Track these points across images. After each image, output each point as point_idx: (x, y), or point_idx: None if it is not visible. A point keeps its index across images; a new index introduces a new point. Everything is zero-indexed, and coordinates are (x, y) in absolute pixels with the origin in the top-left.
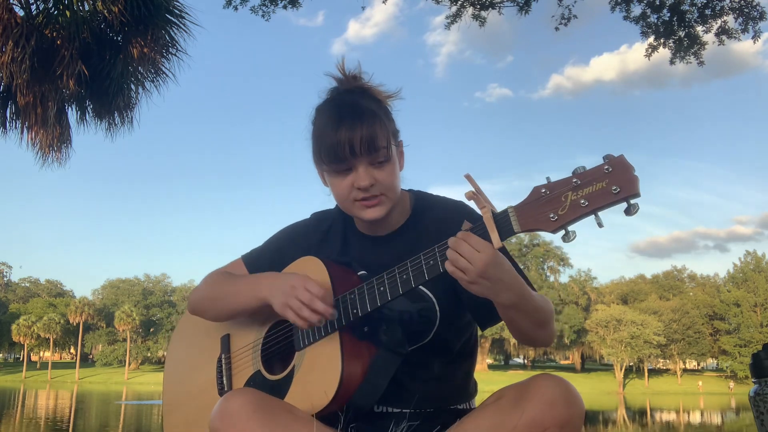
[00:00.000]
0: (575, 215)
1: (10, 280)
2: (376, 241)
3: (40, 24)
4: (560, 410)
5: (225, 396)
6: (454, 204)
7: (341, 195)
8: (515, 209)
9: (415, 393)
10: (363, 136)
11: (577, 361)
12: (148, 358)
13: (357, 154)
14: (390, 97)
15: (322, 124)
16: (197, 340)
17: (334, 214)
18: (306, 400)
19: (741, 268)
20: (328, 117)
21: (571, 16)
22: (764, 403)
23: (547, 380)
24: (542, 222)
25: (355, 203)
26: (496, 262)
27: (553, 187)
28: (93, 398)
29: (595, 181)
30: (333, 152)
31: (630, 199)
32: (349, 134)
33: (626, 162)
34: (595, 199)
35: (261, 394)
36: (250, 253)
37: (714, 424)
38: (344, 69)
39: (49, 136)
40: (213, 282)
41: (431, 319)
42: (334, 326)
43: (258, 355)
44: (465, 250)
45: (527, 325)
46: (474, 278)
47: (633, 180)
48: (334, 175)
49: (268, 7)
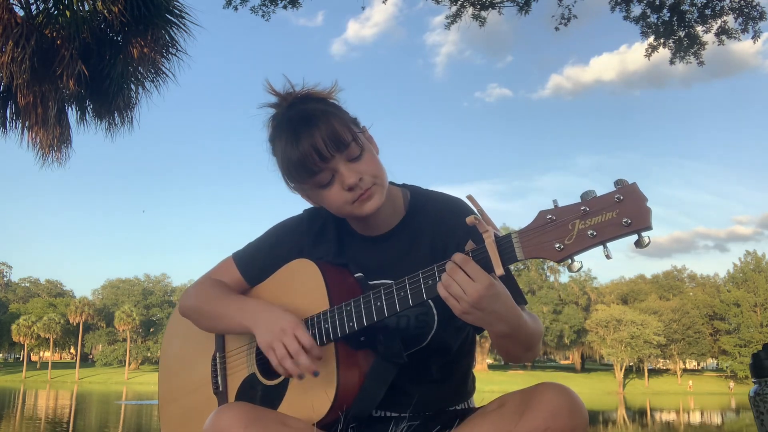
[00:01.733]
0: (582, 246)
1: (10, 280)
2: (372, 242)
3: (40, 24)
4: (564, 421)
5: (217, 410)
6: (450, 200)
7: (335, 204)
8: (519, 235)
9: (413, 396)
10: (325, 138)
11: (577, 361)
12: (148, 358)
13: (327, 157)
14: (332, 92)
15: (282, 147)
16: (192, 335)
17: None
18: (302, 410)
19: (741, 268)
20: (283, 137)
21: (571, 16)
22: (764, 403)
23: (552, 390)
24: (547, 251)
25: (351, 205)
26: (490, 294)
27: (560, 214)
28: (93, 398)
29: (604, 210)
30: (303, 166)
31: (641, 232)
32: (311, 141)
33: (639, 192)
34: (603, 230)
35: (253, 408)
36: (242, 253)
37: (714, 424)
38: (274, 90)
39: (49, 136)
40: (203, 295)
41: (429, 323)
42: (330, 338)
43: (253, 357)
44: (460, 278)
45: (517, 350)
46: (467, 308)
47: (645, 212)
48: (318, 189)
49: (268, 7)
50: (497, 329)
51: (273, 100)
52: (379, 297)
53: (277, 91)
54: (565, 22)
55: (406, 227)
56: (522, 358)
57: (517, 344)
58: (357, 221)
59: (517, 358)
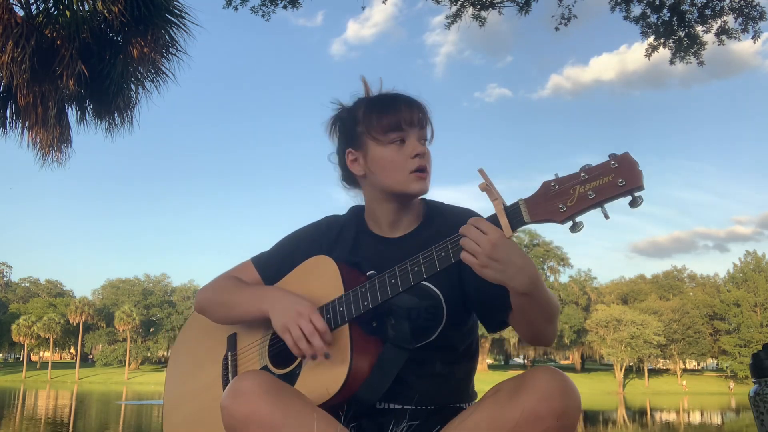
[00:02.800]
0: (583, 206)
1: (10, 280)
2: (388, 243)
3: (40, 24)
4: (556, 402)
5: (237, 377)
6: (464, 211)
7: (397, 164)
8: (525, 201)
9: (417, 390)
10: (418, 111)
11: (577, 361)
12: (148, 358)
13: (414, 124)
14: None
15: (376, 102)
16: (201, 342)
17: (346, 219)
18: (313, 392)
19: (741, 268)
20: (383, 97)
21: (571, 16)
22: (764, 403)
23: (544, 372)
24: (551, 213)
25: (410, 175)
26: (504, 243)
27: (562, 182)
28: (93, 398)
29: (602, 176)
30: (394, 120)
31: (635, 192)
32: (408, 108)
33: (631, 158)
34: (601, 191)
35: (272, 377)
36: (260, 256)
37: (714, 424)
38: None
39: (49, 136)
40: (221, 286)
41: (438, 316)
42: (345, 319)
43: (265, 352)
44: (473, 233)
45: (538, 317)
46: (484, 261)
47: (638, 174)
48: (389, 145)
49: (268, 7)
50: (518, 283)
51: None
52: (393, 275)
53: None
54: (565, 22)
55: (422, 232)
56: (544, 332)
57: (538, 308)
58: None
59: (537, 329)
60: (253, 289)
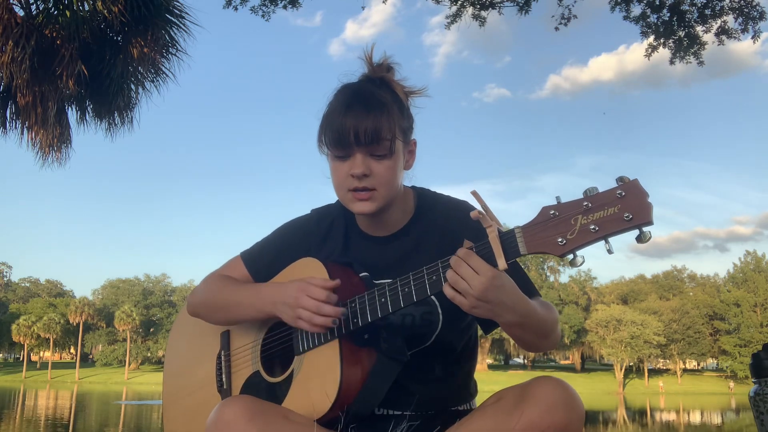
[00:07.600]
0: (584, 241)
1: (10, 280)
2: (379, 242)
3: (40, 24)
4: (560, 414)
5: (221, 404)
6: (457, 203)
7: (338, 181)
8: (522, 230)
9: (415, 395)
10: (368, 126)
11: (577, 361)
12: (148, 358)
13: (360, 142)
14: (412, 93)
15: (334, 107)
16: (197, 335)
17: (335, 211)
18: (305, 406)
19: (741, 268)
20: (341, 102)
21: (571, 16)
22: (764, 403)
23: (548, 383)
24: (550, 245)
25: (348, 193)
26: (496, 285)
27: (563, 209)
28: (93, 398)
29: (606, 206)
30: (337, 137)
31: (642, 227)
32: (355, 122)
33: (640, 187)
34: (605, 225)
35: (257, 401)
36: (250, 251)
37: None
38: (371, 57)
39: (49, 136)
40: (212, 288)
41: (433, 323)
42: (335, 334)
43: (257, 355)
44: (464, 272)
45: (531, 338)
46: (474, 303)
47: (646, 207)
48: (335, 160)
49: (268, 7)
50: (506, 319)
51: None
52: (383, 293)
53: (372, 60)
54: (565, 22)
55: (414, 228)
56: (539, 345)
57: (530, 333)
58: (365, 220)
59: (534, 346)
60: (250, 289)
